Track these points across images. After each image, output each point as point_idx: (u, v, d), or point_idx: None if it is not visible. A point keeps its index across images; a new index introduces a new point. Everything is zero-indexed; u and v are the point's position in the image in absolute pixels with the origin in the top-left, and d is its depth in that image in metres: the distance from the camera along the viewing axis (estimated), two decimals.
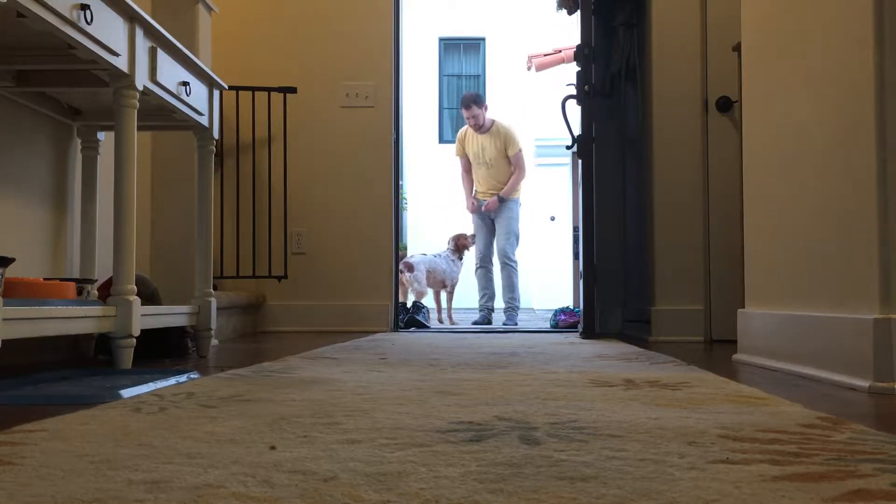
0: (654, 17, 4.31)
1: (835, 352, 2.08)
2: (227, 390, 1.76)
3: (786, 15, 2.51)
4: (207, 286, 3.10)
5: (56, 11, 1.95)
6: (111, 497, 0.84)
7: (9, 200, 2.63)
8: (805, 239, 2.33)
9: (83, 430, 1.25)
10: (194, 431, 1.24)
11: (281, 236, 4.78)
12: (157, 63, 2.54)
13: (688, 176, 4.20)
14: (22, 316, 1.95)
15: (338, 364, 2.48)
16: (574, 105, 4.59)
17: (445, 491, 0.87)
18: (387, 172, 5.04)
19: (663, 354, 2.94)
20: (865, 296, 1.96)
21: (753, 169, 2.78)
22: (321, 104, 5.02)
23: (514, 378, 2.07)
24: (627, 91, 4.66)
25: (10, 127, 2.64)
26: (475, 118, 6.17)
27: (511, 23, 13.54)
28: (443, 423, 1.31)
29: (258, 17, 5.08)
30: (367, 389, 1.81)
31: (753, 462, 1.01)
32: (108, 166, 2.85)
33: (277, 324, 4.92)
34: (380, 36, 5.07)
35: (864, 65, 1.97)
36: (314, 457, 1.05)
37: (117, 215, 2.44)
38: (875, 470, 0.96)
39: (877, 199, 1.92)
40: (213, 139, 3.14)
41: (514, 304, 6.25)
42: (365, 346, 3.41)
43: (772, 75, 2.61)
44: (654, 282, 4.21)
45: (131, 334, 2.40)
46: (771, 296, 2.60)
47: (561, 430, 1.25)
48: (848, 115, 2.07)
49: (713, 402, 1.59)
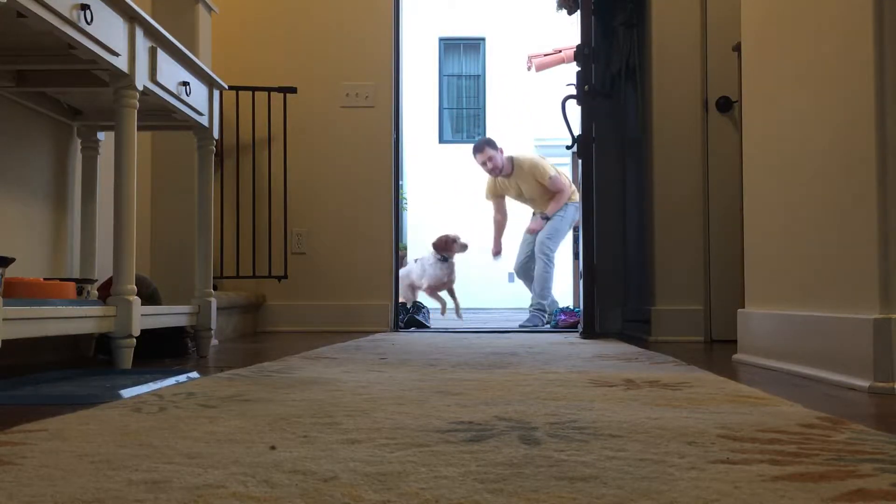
0: (654, 17, 4.31)
1: (835, 352, 2.08)
2: (227, 390, 1.76)
3: (786, 15, 2.51)
4: (207, 286, 3.10)
5: (56, 11, 1.95)
6: (111, 497, 0.84)
7: (9, 200, 2.63)
8: (805, 239, 2.33)
9: (83, 430, 1.25)
10: (194, 431, 1.24)
11: (281, 236, 4.78)
12: (157, 63, 2.54)
13: (688, 176, 4.20)
14: (22, 316, 1.95)
15: (338, 364, 2.48)
16: (574, 105, 4.59)
17: (445, 491, 0.87)
18: (387, 172, 5.04)
19: (663, 354, 2.94)
20: (865, 296, 1.96)
21: (753, 169, 2.78)
22: (321, 104, 5.02)
23: (514, 378, 2.07)
24: (627, 91, 4.66)
25: (10, 127, 2.64)
26: (491, 161, 5.81)
27: (511, 23, 13.55)
28: (443, 423, 1.31)
29: (258, 17, 5.08)
30: (367, 389, 1.81)
31: (753, 462, 1.01)
32: (108, 166, 2.85)
33: (277, 324, 4.92)
34: (380, 36, 5.07)
35: (863, 64, 1.97)
36: (314, 457, 1.05)
37: (117, 215, 2.44)
38: (875, 470, 0.96)
39: (877, 199, 1.92)
40: (213, 139, 3.14)
41: (542, 303, 5.83)
42: (365, 346, 3.41)
43: (772, 75, 2.61)
44: (654, 282, 4.21)
45: (131, 334, 2.40)
46: (771, 296, 2.60)
47: (561, 430, 1.25)
48: (848, 115, 2.07)
49: (713, 402, 1.59)
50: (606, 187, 4.73)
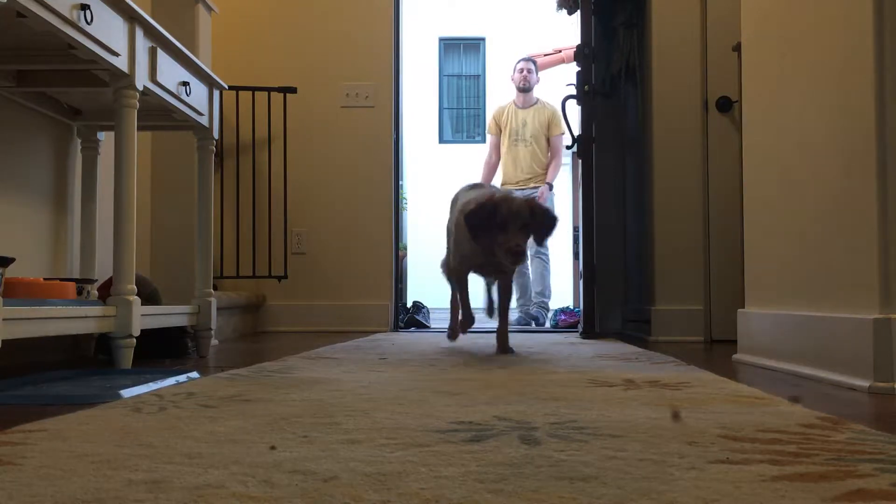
0: (654, 17, 4.31)
1: (835, 352, 2.08)
2: (227, 390, 1.76)
3: (786, 15, 2.51)
4: (207, 286, 3.10)
5: (56, 11, 1.95)
6: (111, 497, 0.84)
7: (9, 200, 2.63)
8: (805, 239, 2.33)
9: (83, 430, 1.25)
10: (194, 431, 1.24)
11: (281, 236, 4.78)
12: (157, 63, 2.54)
13: (688, 176, 4.20)
14: (22, 316, 1.95)
15: (338, 364, 2.48)
16: (574, 105, 4.59)
17: (445, 491, 0.87)
18: (387, 172, 5.04)
19: (663, 354, 2.94)
20: (865, 296, 1.96)
21: (753, 169, 2.78)
22: (321, 104, 5.02)
23: (514, 378, 2.07)
24: (627, 91, 4.66)
25: (10, 127, 2.64)
26: (529, 73, 5.87)
27: (511, 23, 13.53)
28: (443, 423, 1.31)
29: (258, 17, 5.08)
30: (367, 389, 1.81)
31: (753, 462, 1.01)
32: (108, 166, 2.85)
33: (277, 324, 4.92)
34: (380, 36, 5.07)
35: (864, 64, 1.97)
36: (314, 457, 1.05)
37: (117, 215, 2.44)
38: (875, 470, 0.96)
39: (877, 199, 1.92)
40: (213, 139, 3.14)
41: (544, 301, 5.84)
42: (365, 346, 3.41)
43: (772, 75, 2.61)
44: (654, 282, 4.21)
45: (131, 334, 2.40)
46: (771, 296, 2.60)
47: (561, 430, 1.25)
48: (848, 115, 2.07)
49: (713, 402, 1.59)
50: (606, 187, 4.73)
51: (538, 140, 5.85)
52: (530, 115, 5.86)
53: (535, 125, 5.84)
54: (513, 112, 5.94)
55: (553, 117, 5.80)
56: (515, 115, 5.92)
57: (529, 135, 5.84)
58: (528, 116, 5.87)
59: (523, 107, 5.90)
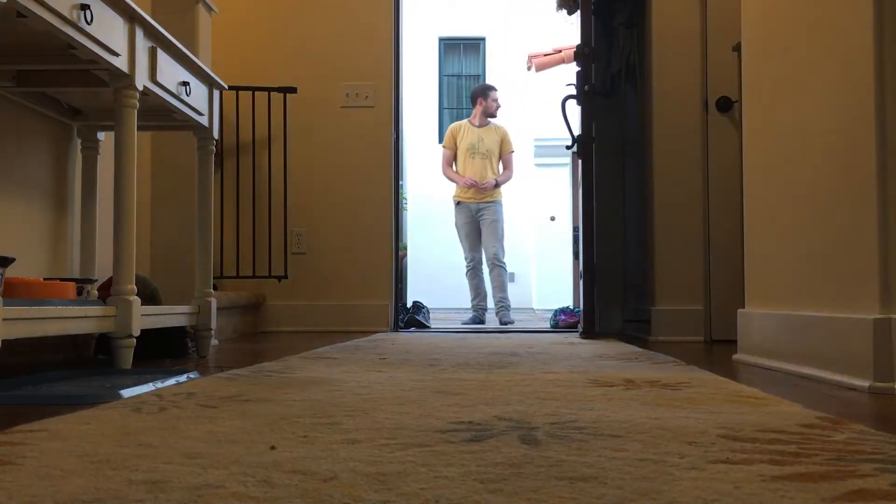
0: (654, 17, 4.31)
1: (835, 352, 2.08)
2: (227, 390, 1.76)
3: (786, 14, 2.51)
4: (207, 286, 3.10)
5: (56, 11, 1.95)
6: (111, 497, 0.84)
7: (9, 200, 2.63)
8: (805, 239, 2.33)
9: (83, 430, 1.25)
10: (194, 431, 1.24)
11: (281, 236, 4.78)
12: (157, 63, 2.54)
13: (688, 176, 4.20)
14: (22, 316, 1.95)
15: (338, 364, 2.48)
16: (574, 105, 4.59)
17: (445, 491, 0.87)
18: (387, 172, 5.04)
19: (663, 354, 2.94)
20: (865, 296, 1.96)
21: (753, 169, 2.78)
22: (321, 104, 5.02)
23: (514, 378, 2.07)
24: (627, 91, 4.66)
25: (10, 127, 2.64)
26: (496, 102, 6.52)
27: (511, 23, 13.53)
28: (443, 423, 1.31)
29: (258, 17, 5.08)
30: (367, 389, 1.81)
31: (753, 462, 1.01)
32: (108, 166, 2.85)
33: (277, 324, 4.92)
34: (380, 36, 5.07)
35: (864, 64, 1.97)
36: (314, 457, 1.05)
37: (117, 215, 2.44)
38: (875, 470, 0.96)
39: (877, 199, 1.92)
40: (213, 139, 3.14)
41: (506, 303, 6.41)
42: (365, 346, 3.41)
43: (772, 75, 2.61)
44: (654, 282, 4.21)
45: (131, 334, 2.40)
46: (771, 296, 2.60)
47: (561, 430, 1.25)
48: (848, 115, 2.07)
49: (713, 402, 1.59)
50: (606, 187, 4.73)
51: (493, 154, 6.50)
52: (486, 132, 6.54)
53: (490, 142, 6.49)
54: (468, 128, 6.57)
55: (505, 136, 6.56)
56: (471, 132, 6.55)
57: (486, 149, 6.48)
58: (484, 134, 6.53)
59: (479, 126, 6.52)
